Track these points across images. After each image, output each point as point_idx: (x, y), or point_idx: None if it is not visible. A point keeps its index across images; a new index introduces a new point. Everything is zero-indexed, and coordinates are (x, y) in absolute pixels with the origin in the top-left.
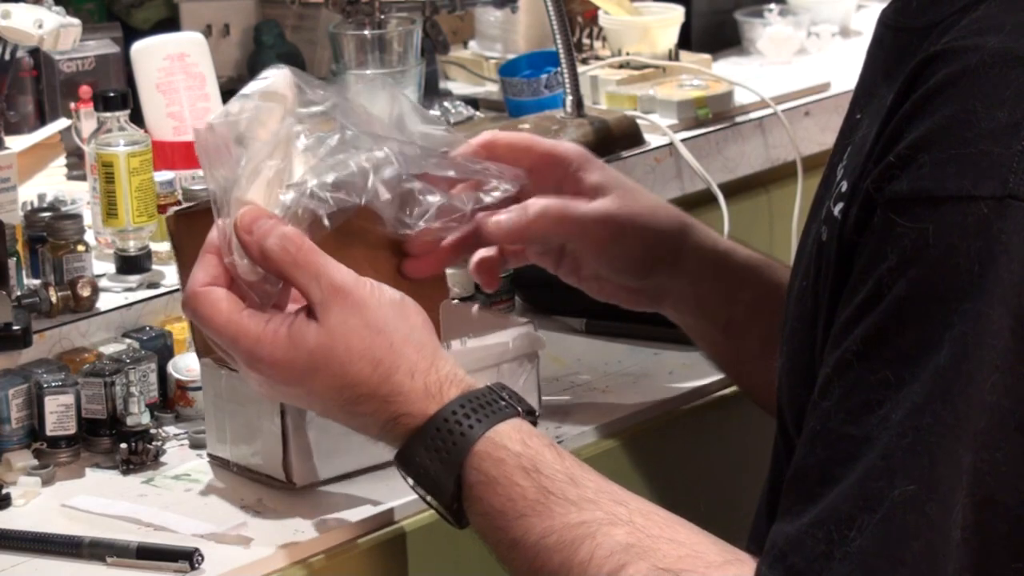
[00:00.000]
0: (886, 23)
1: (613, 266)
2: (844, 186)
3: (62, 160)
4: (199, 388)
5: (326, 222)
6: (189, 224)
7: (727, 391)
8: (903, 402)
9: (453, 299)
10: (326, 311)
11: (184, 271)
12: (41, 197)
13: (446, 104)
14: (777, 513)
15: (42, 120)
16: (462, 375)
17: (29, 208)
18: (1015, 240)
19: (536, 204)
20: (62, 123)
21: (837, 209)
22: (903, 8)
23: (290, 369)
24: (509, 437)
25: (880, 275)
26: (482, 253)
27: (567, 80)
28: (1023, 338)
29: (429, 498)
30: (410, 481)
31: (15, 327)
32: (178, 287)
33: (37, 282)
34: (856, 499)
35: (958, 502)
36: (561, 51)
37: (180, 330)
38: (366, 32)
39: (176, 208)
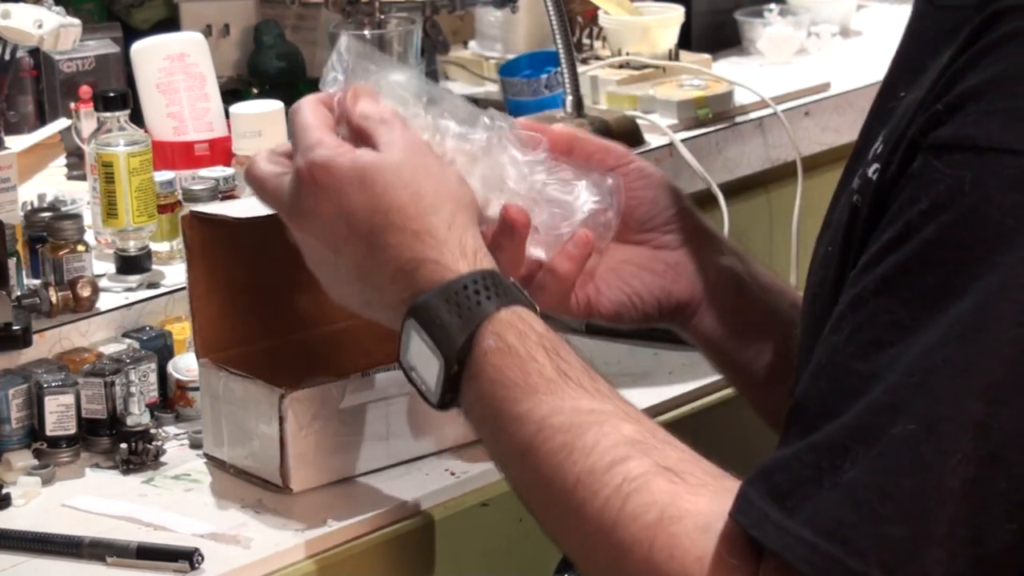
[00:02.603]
0: (929, 0)
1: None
2: (880, 148)
3: (62, 160)
4: (199, 388)
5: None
6: (202, 227)
7: (728, 392)
8: (916, 344)
9: None
10: (392, 146)
11: (193, 271)
12: (41, 197)
13: None
14: None
15: (42, 120)
16: (491, 258)
17: (29, 208)
18: None
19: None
20: (62, 123)
21: (872, 170)
22: None
23: (336, 178)
24: (533, 317)
25: (910, 217)
26: None
27: (567, 80)
28: None
29: (422, 366)
30: (413, 339)
31: (15, 327)
32: (178, 287)
33: (37, 282)
34: (853, 431)
35: (958, 450)
36: (561, 51)
37: (180, 330)
38: (366, 32)
39: (193, 209)
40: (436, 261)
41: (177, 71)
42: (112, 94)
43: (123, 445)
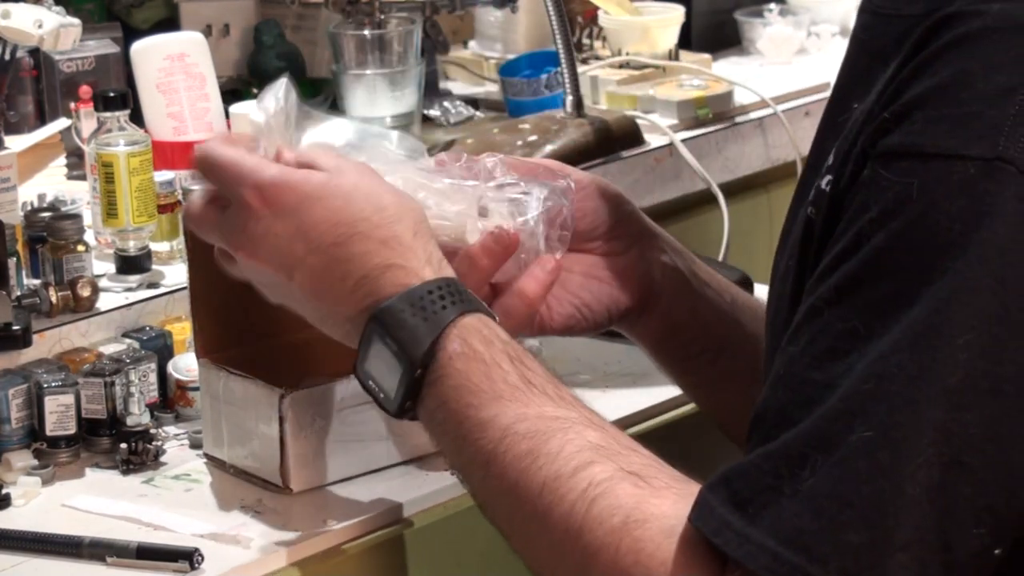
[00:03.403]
0: (874, 11)
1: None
2: (831, 159)
3: (62, 160)
4: (199, 388)
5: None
6: None
7: None
8: (870, 351)
9: None
10: (340, 167)
11: (195, 270)
12: (41, 197)
13: (446, 104)
14: None
15: (42, 120)
16: (451, 269)
17: (29, 208)
18: (999, 202)
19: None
20: (62, 123)
21: (825, 181)
22: None
23: (292, 193)
24: (497, 326)
25: (861, 226)
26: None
27: (567, 80)
28: (1003, 301)
29: (382, 373)
30: (373, 345)
31: (15, 327)
32: (178, 287)
33: (37, 282)
34: (811, 439)
35: (917, 455)
36: (561, 51)
37: (180, 330)
38: (366, 32)
39: None
40: (402, 267)
41: (177, 71)
42: (112, 94)
43: (123, 445)
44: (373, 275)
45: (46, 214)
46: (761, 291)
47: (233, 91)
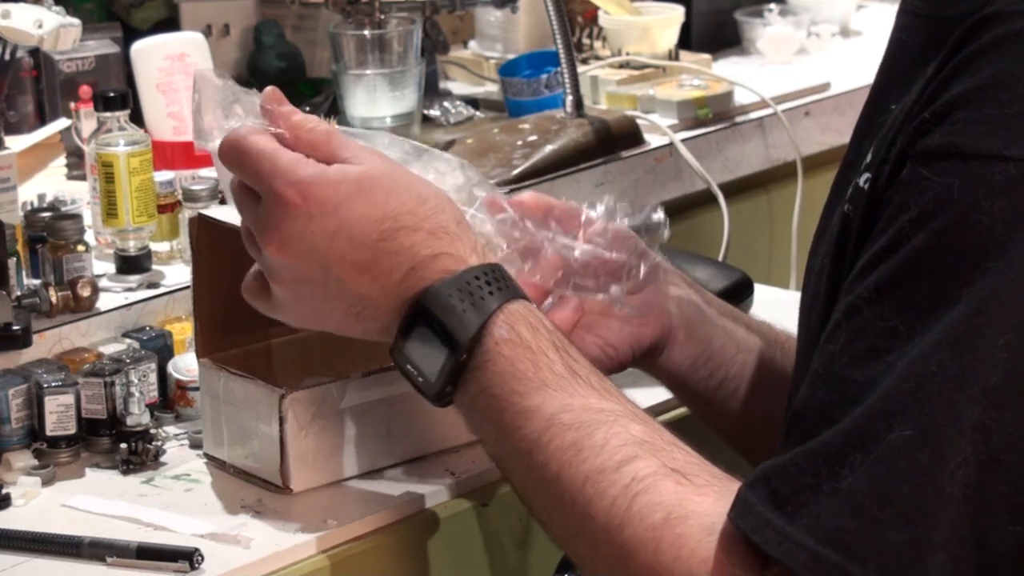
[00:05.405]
0: (914, 12)
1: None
2: (869, 157)
3: (62, 160)
4: (199, 388)
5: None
6: (211, 231)
7: None
8: (910, 350)
9: None
10: (366, 157)
11: (199, 273)
12: (41, 197)
13: (446, 104)
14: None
15: (42, 120)
16: (495, 258)
17: (29, 208)
18: None
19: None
20: (62, 123)
21: (863, 179)
22: None
23: (332, 192)
24: (542, 315)
25: (901, 225)
26: None
27: (567, 80)
28: None
29: (424, 359)
30: (416, 331)
31: (15, 327)
32: (178, 287)
33: (37, 282)
34: (851, 437)
35: (957, 454)
36: (561, 51)
37: (180, 330)
38: (366, 32)
39: (204, 211)
40: (450, 254)
41: (177, 71)
42: (112, 94)
43: (123, 445)
44: (423, 265)
45: (46, 214)
46: (761, 291)
47: None
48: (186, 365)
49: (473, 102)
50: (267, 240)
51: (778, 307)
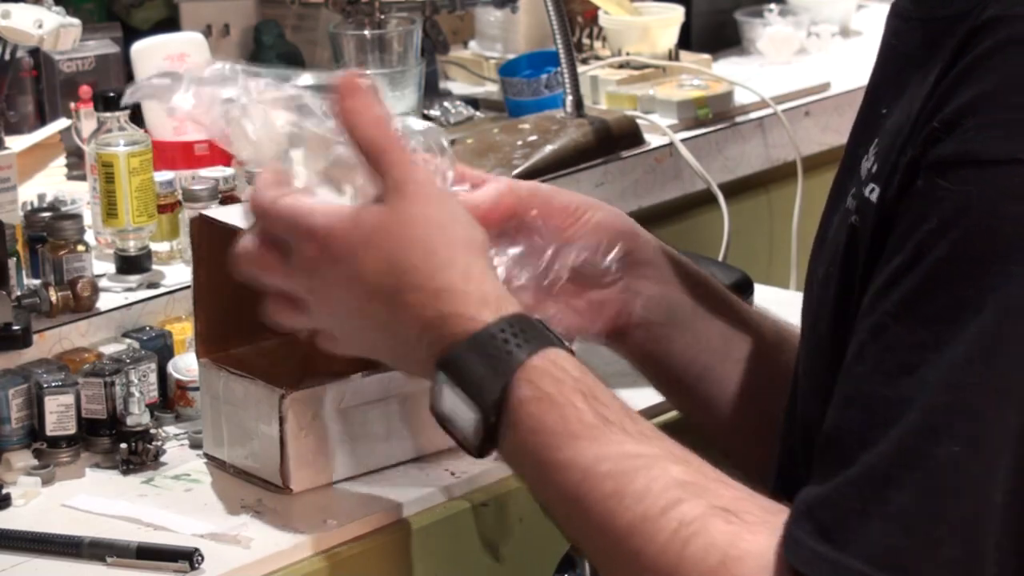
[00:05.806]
0: (905, 16)
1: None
2: (876, 167)
3: (62, 160)
4: (199, 388)
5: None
6: (211, 230)
7: None
8: (943, 363)
9: None
10: (395, 195)
11: (199, 273)
12: (41, 197)
13: (446, 104)
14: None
15: (42, 120)
16: (513, 300)
17: (29, 208)
18: None
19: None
20: (62, 123)
21: (869, 190)
22: None
23: (345, 241)
24: (567, 360)
25: (920, 238)
26: None
27: (567, 80)
28: None
29: (457, 417)
30: (445, 391)
31: (15, 327)
32: (178, 287)
33: (37, 282)
34: (894, 458)
35: (1004, 464)
36: (561, 51)
37: (180, 330)
38: (366, 32)
39: (204, 211)
40: (460, 315)
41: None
42: (112, 94)
43: (123, 445)
44: (433, 326)
45: (46, 214)
46: (761, 291)
47: None
48: (186, 365)
49: (473, 102)
50: (307, 291)
51: (778, 307)
